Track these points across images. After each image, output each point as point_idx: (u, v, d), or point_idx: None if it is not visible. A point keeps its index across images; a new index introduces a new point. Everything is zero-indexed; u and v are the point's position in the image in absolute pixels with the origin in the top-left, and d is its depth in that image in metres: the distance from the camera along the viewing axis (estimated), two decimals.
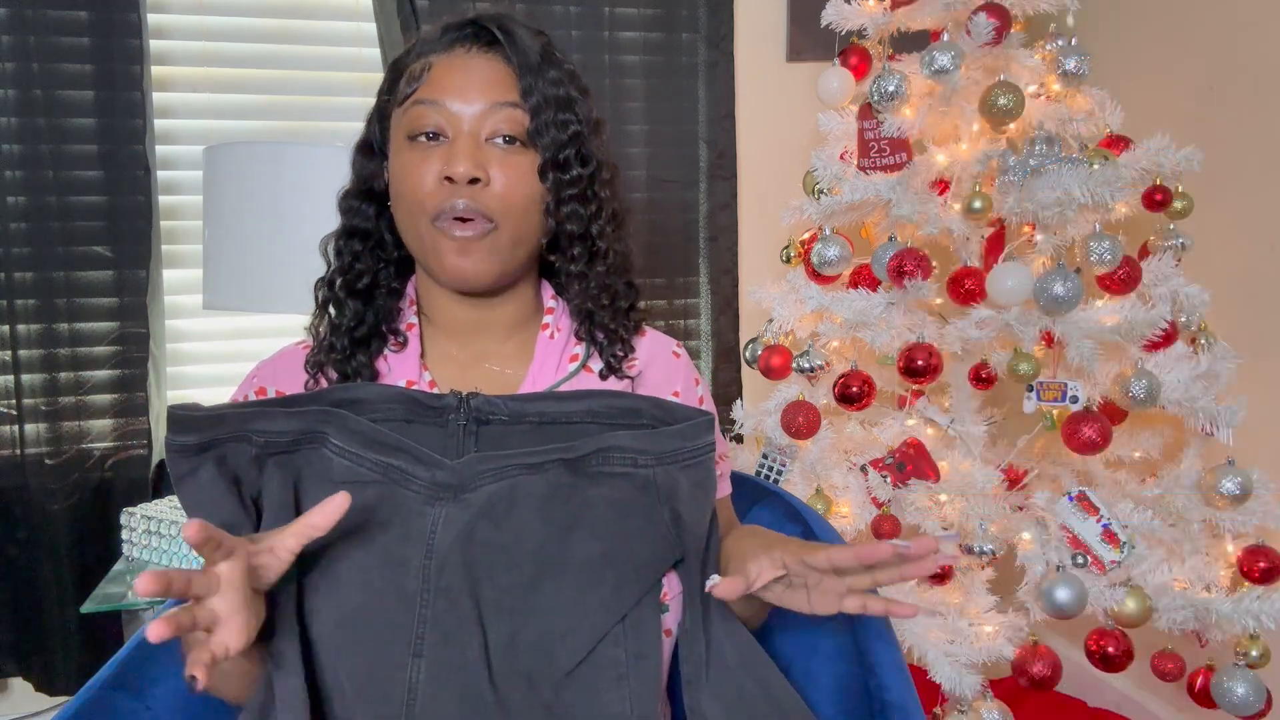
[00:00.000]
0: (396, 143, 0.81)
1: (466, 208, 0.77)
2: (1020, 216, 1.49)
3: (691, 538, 0.76)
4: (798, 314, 1.73)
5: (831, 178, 1.67)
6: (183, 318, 1.97)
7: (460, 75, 0.79)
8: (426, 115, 0.78)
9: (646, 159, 2.07)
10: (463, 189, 0.77)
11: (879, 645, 0.89)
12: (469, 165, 0.76)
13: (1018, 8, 1.57)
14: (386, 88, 0.85)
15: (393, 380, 0.85)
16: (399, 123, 0.81)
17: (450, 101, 0.78)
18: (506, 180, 0.78)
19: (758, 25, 2.14)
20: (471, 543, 0.71)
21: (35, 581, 1.83)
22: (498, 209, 0.78)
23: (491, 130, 0.79)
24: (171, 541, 1.55)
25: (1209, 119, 1.75)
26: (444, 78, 0.79)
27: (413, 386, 0.83)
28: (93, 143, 1.79)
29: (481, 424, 0.77)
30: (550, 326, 0.89)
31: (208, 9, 1.93)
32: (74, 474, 1.83)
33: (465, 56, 0.80)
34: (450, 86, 0.78)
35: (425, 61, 0.80)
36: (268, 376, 0.88)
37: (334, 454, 0.74)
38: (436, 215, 0.78)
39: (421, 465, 0.74)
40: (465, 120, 0.78)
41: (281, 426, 0.74)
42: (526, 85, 0.79)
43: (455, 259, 0.79)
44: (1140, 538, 1.46)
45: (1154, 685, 1.81)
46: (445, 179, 0.77)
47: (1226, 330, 1.59)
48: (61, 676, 1.85)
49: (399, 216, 0.83)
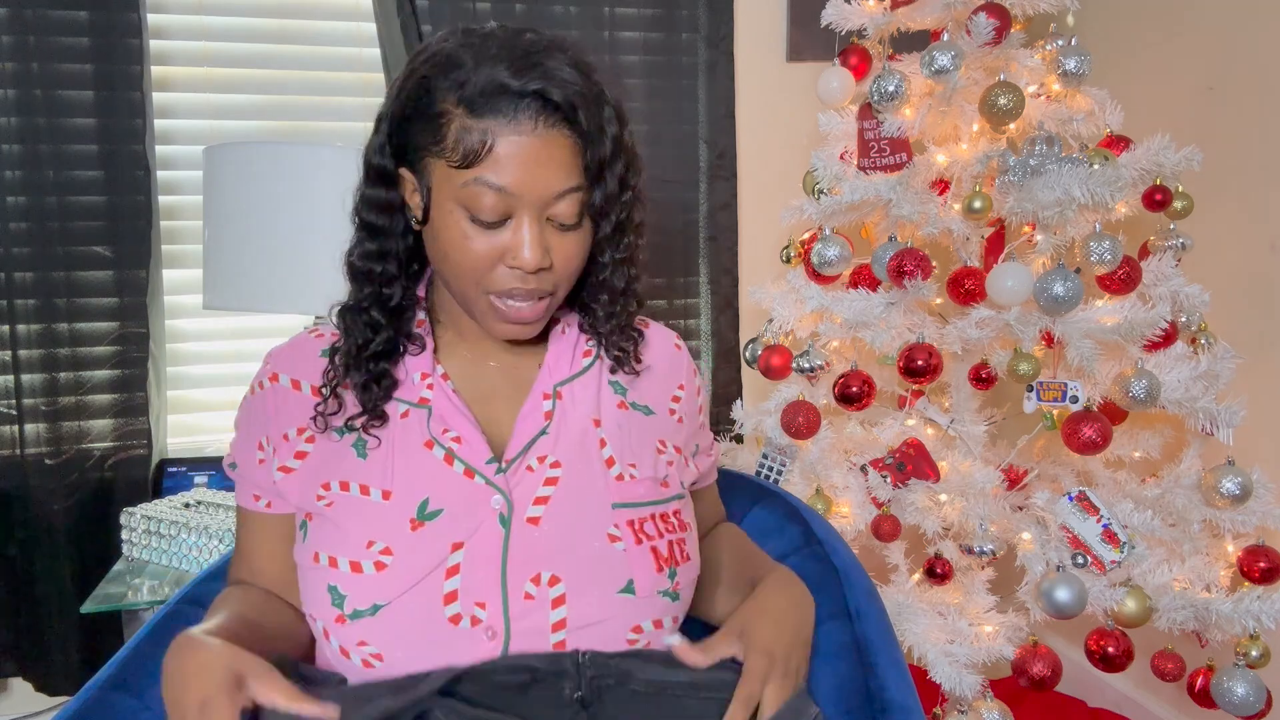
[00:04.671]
0: (445, 202, 0.77)
1: (530, 292, 0.79)
2: (1020, 216, 1.49)
3: None
4: (798, 314, 1.73)
5: (831, 178, 1.67)
6: (183, 318, 1.97)
7: (529, 160, 0.74)
8: (491, 201, 0.75)
9: (646, 159, 2.04)
10: (530, 277, 0.78)
11: (879, 645, 0.89)
12: (538, 257, 0.76)
13: (1018, 8, 1.57)
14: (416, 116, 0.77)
15: (407, 377, 0.85)
16: (449, 181, 0.76)
17: (517, 189, 0.74)
18: (567, 259, 0.80)
19: (758, 25, 2.14)
20: None
21: (35, 581, 1.83)
22: (556, 283, 0.81)
23: (555, 214, 0.77)
24: (171, 541, 1.55)
25: (1209, 119, 1.75)
26: (510, 161, 0.73)
27: (426, 380, 0.85)
28: (93, 143, 1.79)
29: (594, 697, 0.76)
30: (561, 322, 0.91)
31: (208, 9, 1.93)
32: (74, 474, 1.83)
33: (532, 136, 0.73)
34: (517, 172, 0.74)
35: (485, 130, 0.73)
36: (285, 365, 0.88)
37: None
38: (494, 292, 0.79)
39: None
40: (531, 207, 0.76)
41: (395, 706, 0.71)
42: (593, 168, 0.77)
43: (509, 327, 0.81)
44: (1140, 538, 1.46)
45: (1154, 685, 1.81)
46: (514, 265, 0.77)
47: (1226, 330, 1.59)
48: (61, 676, 1.85)
49: (444, 267, 0.81)
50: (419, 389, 0.85)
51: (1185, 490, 1.49)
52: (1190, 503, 1.48)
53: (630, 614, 0.80)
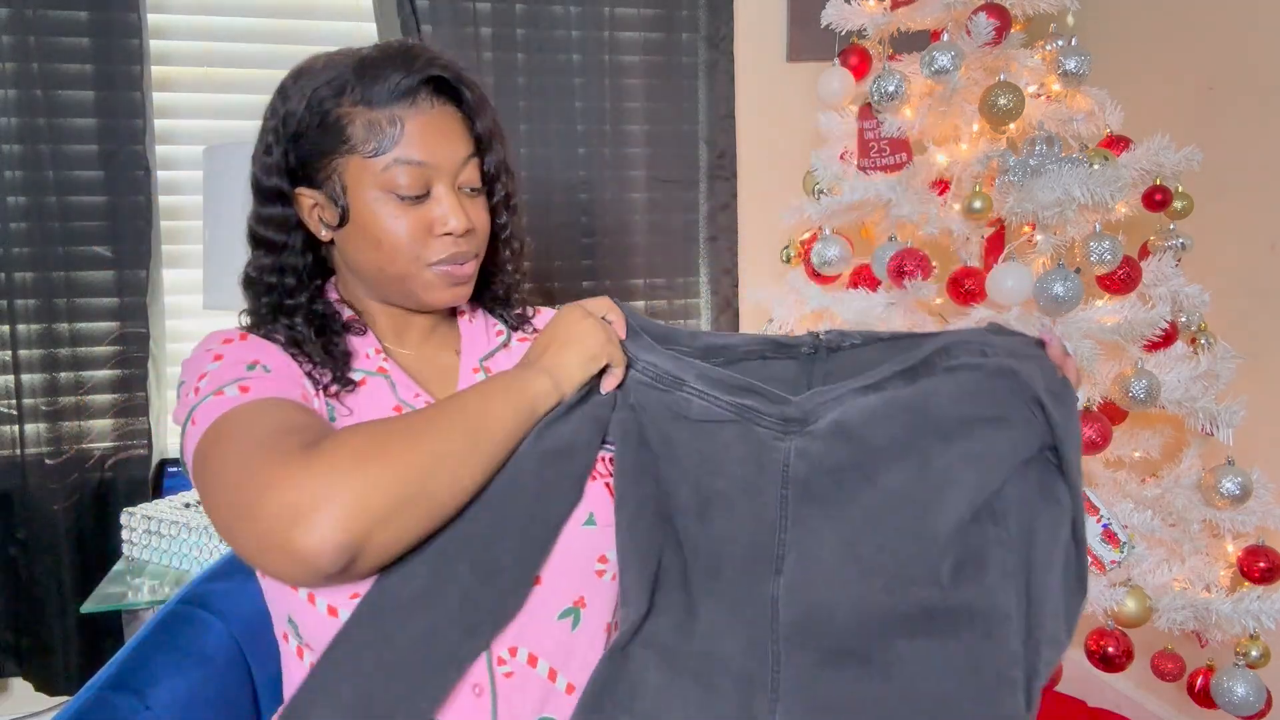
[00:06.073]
0: (365, 192, 0.82)
1: (464, 253, 0.86)
2: (1020, 216, 1.49)
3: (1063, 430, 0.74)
4: (798, 314, 1.73)
5: (831, 178, 1.67)
6: (183, 318, 1.97)
7: (436, 134, 0.82)
8: (412, 176, 0.81)
9: (646, 159, 2.07)
10: (460, 240, 0.85)
11: None
12: (464, 221, 0.84)
13: (1018, 8, 1.57)
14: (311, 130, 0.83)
15: (358, 352, 0.87)
16: (366, 172, 0.82)
17: (433, 161, 0.82)
18: (483, 220, 0.88)
19: (758, 25, 2.14)
20: (823, 469, 0.78)
21: (35, 581, 1.83)
22: (479, 244, 0.88)
23: (463, 182, 0.85)
24: (172, 541, 1.55)
25: (1209, 119, 1.75)
26: (420, 136, 0.81)
27: (380, 354, 0.88)
28: (93, 143, 1.79)
29: (832, 351, 0.86)
30: (467, 313, 0.96)
31: (208, 9, 1.93)
32: (74, 474, 1.83)
33: (432, 112, 0.82)
34: (428, 144, 0.82)
35: (392, 116, 0.81)
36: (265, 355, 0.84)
37: (693, 395, 0.82)
38: (434, 261, 0.84)
39: (771, 403, 0.81)
40: (446, 176, 0.83)
41: (660, 363, 0.84)
42: (481, 137, 0.86)
43: (449, 292, 0.87)
44: (1140, 538, 1.46)
45: (1154, 685, 1.81)
46: (444, 233, 0.84)
47: (1226, 330, 1.59)
48: (61, 676, 1.85)
49: (376, 256, 0.84)
50: (375, 361, 0.87)
51: (1185, 490, 1.49)
52: (1190, 503, 1.48)
53: (593, 545, 0.83)
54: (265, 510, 0.63)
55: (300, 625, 0.78)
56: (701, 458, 0.80)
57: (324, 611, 0.75)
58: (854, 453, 0.77)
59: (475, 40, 1.94)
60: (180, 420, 0.76)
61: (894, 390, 0.79)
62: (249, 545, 0.65)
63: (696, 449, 0.81)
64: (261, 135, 0.87)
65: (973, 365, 0.77)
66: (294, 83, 0.85)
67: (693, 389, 0.83)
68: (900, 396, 0.78)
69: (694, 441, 0.81)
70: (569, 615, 0.81)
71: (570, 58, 2.01)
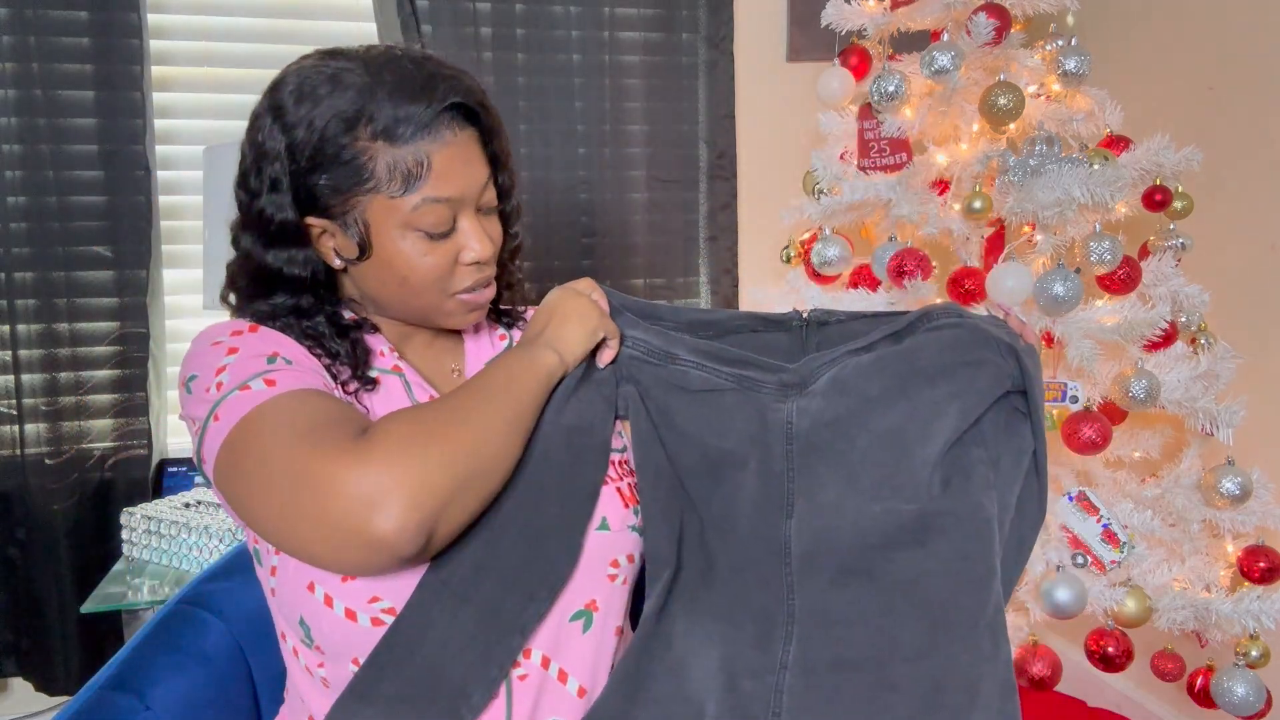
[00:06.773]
0: (390, 230, 0.78)
1: (487, 277, 0.85)
2: (1020, 216, 1.49)
3: (1030, 378, 0.85)
4: None
5: (831, 178, 1.67)
6: (183, 318, 1.97)
7: (461, 165, 0.79)
8: (439, 215, 0.78)
9: (646, 159, 2.07)
10: (484, 266, 0.84)
11: None
12: (489, 247, 0.82)
13: (1018, 8, 1.57)
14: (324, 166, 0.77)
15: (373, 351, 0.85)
16: (393, 211, 0.77)
17: (458, 195, 0.79)
18: (500, 239, 0.87)
19: (758, 25, 2.14)
20: (823, 422, 0.84)
21: (35, 581, 1.83)
22: (497, 261, 0.88)
23: (483, 205, 0.84)
24: (172, 541, 1.55)
25: (1209, 119, 1.75)
26: (448, 171, 0.78)
27: (394, 352, 0.86)
28: (93, 143, 1.79)
29: (821, 325, 0.92)
30: None
31: (207, 9, 1.93)
32: (74, 474, 1.83)
33: (455, 142, 0.78)
34: (455, 179, 0.78)
35: (417, 153, 0.76)
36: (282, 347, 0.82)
37: (689, 367, 0.87)
38: (460, 290, 0.83)
39: (768, 372, 0.87)
40: (469, 205, 0.81)
41: (649, 339, 0.88)
42: (496, 155, 0.84)
43: (469, 317, 0.87)
44: (1140, 538, 1.46)
45: (1154, 685, 1.81)
46: (471, 262, 0.82)
47: (1226, 330, 1.59)
48: (61, 676, 1.85)
49: (401, 290, 0.82)
50: (390, 359, 0.86)
51: (1185, 490, 1.49)
52: (1190, 503, 1.48)
53: (606, 549, 0.83)
54: (336, 504, 0.64)
55: (314, 628, 0.77)
56: (705, 423, 0.85)
57: (341, 614, 0.75)
58: (850, 404, 0.84)
59: (475, 40, 1.94)
60: (199, 417, 0.73)
61: (883, 349, 0.87)
62: (314, 540, 0.65)
63: (699, 415, 0.86)
64: (256, 162, 0.80)
65: (952, 324, 0.87)
66: (294, 105, 0.76)
67: (688, 361, 0.87)
68: (889, 352, 0.86)
69: (695, 409, 0.86)
70: (580, 618, 0.81)
71: (570, 58, 2.01)
